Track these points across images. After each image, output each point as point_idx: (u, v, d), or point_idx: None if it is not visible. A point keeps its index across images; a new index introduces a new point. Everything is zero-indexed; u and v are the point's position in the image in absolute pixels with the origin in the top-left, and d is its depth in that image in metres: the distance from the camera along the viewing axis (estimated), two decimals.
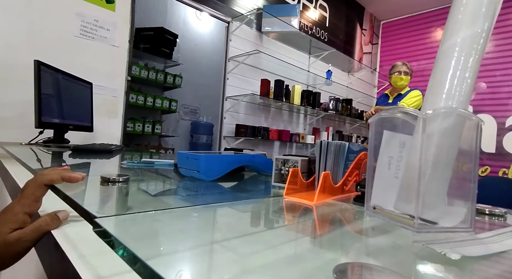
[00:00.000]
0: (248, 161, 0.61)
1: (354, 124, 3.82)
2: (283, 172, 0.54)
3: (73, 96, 1.31)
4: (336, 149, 0.46)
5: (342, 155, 0.45)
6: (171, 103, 3.13)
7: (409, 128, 0.33)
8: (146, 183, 0.57)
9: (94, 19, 1.60)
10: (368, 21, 4.04)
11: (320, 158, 0.47)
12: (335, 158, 0.46)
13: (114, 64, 1.72)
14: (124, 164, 0.76)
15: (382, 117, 0.34)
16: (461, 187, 0.31)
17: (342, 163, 0.45)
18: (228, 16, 2.39)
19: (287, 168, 0.54)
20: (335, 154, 0.46)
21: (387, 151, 0.33)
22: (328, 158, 0.46)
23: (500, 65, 3.22)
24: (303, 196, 0.42)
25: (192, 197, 0.49)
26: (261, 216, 0.37)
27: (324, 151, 0.47)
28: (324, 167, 0.47)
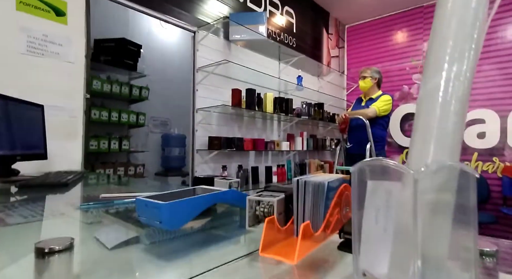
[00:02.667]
0: (219, 199, 0.55)
1: (327, 128, 3.88)
2: (258, 212, 0.49)
3: (20, 123, 1.16)
4: (315, 189, 0.41)
5: (321, 195, 0.40)
6: (139, 117, 2.97)
7: (392, 174, 0.28)
8: (96, 246, 0.48)
9: (43, 34, 1.45)
10: (334, 25, 4.15)
11: (298, 200, 0.42)
12: (314, 199, 0.41)
13: (70, 82, 1.58)
14: (78, 207, 0.66)
15: (362, 166, 0.29)
16: (461, 250, 0.27)
17: (322, 205, 0.40)
18: (193, 26, 2.31)
19: (262, 209, 0.48)
20: (314, 195, 0.41)
21: (373, 203, 0.29)
22: (306, 199, 0.41)
23: None
24: (282, 252, 0.36)
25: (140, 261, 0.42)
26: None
27: (302, 191, 0.41)
28: (303, 209, 0.41)
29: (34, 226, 0.64)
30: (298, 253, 0.33)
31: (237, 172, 2.51)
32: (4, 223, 0.66)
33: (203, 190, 0.59)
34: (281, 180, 2.89)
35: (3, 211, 0.75)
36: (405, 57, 3.83)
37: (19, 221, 0.67)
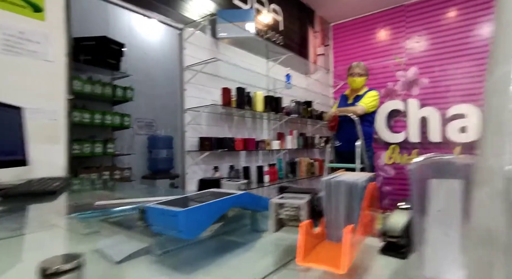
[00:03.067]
0: (236, 203, 0.51)
1: (316, 125, 3.90)
2: (282, 216, 0.45)
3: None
4: (348, 190, 0.38)
5: (355, 196, 0.37)
6: (124, 118, 2.85)
7: (455, 170, 0.26)
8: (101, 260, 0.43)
9: (19, 31, 1.34)
10: (319, 23, 4.17)
11: (329, 201, 0.39)
12: (348, 200, 0.38)
13: (50, 82, 1.47)
14: (74, 217, 0.60)
15: (425, 163, 0.26)
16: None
17: (357, 206, 0.37)
18: (179, 23, 2.24)
19: (286, 212, 0.44)
20: (348, 196, 0.38)
21: (438, 204, 0.26)
22: (339, 200, 0.38)
23: (438, 61, 3.54)
24: (322, 259, 0.33)
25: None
26: None
27: (334, 192, 0.38)
28: (337, 211, 0.38)
29: (23, 240, 0.58)
30: (345, 260, 0.30)
31: (228, 172, 2.46)
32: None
33: (216, 193, 0.54)
34: (273, 179, 2.87)
35: None
36: (389, 54, 3.91)
37: (4, 236, 0.60)
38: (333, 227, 0.38)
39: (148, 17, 2.06)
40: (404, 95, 3.78)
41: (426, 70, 3.63)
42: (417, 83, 3.69)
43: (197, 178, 2.32)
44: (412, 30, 3.73)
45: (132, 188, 1.64)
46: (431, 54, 3.60)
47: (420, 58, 3.67)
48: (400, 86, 3.82)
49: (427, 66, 3.62)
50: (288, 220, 0.45)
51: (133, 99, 2.94)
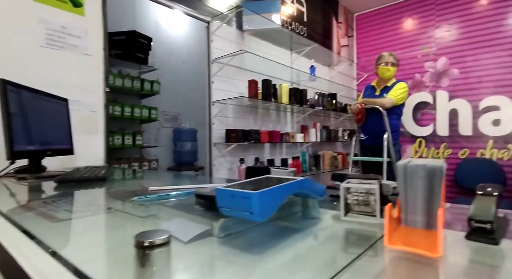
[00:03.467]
0: (299, 188, 0.52)
1: (339, 118, 3.84)
2: (350, 201, 0.45)
3: (48, 117, 1.13)
4: (430, 174, 0.37)
5: (438, 180, 0.37)
6: (151, 112, 2.92)
7: None
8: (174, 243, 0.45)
9: (61, 25, 1.40)
10: (343, 14, 4.07)
11: (407, 188, 0.39)
12: (429, 185, 0.37)
13: (89, 75, 1.53)
14: (136, 200, 0.63)
15: None
16: None
17: (438, 191, 0.37)
18: (207, 15, 2.25)
19: (355, 197, 0.45)
20: (428, 180, 0.37)
21: None
22: (417, 186, 0.38)
23: (469, 51, 3.37)
24: (411, 243, 0.33)
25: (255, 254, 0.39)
26: None
27: (414, 177, 0.38)
28: (415, 197, 0.38)
29: (89, 221, 0.62)
30: (440, 243, 0.30)
31: (254, 165, 2.48)
32: (57, 219, 0.63)
33: (275, 179, 0.56)
34: (297, 172, 2.86)
35: (46, 206, 0.72)
36: (416, 44, 3.76)
37: (71, 217, 0.65)
38: (411, 212, 0.38)
39: (173, 8, 2.07)
40: (432, 87, 3.63)
41: (456, 61, 3.47)
42: (447, 74, 3.53)
43: (224, 170, 2.36)
44: (442, 18, 3.56)
45: (168, 176, 1.69)
46: (462, 43, 3.43)
47: (451, 48, 3.50)
48: (428, 78, 3.67)
49: (458, 56, 3.45)
50: (355, 205, 0.45)
51: (160, 92, 3.01)
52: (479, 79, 3.32)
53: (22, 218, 0.62)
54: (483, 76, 3.29)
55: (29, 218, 0.64)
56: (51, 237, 0.48)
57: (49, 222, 0.61)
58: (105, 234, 0.54)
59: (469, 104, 3.37)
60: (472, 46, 3.36)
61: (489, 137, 3.23)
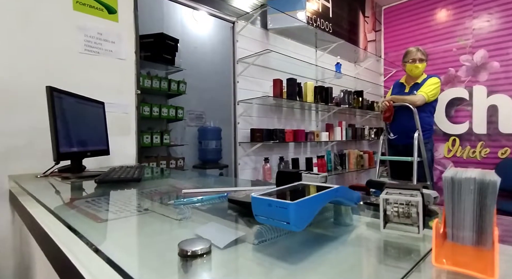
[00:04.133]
0: (334, 196, 0.52)
1: (365, 116, 3.72)
2: (389, 212, 0.44)
3: (87, 120, 1.20)
4: (479, 188, 0.35)
5: (491, 195, 0.35)
6: (178, 111, 3.01)
7: None
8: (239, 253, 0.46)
9: (98, 32, 1.48)
10: (370, 7, 3.92)
11: (455, 202, 0.37)
12: (480, 201, 0.35)
13: (123, 78, 1.61)
14: (172, 203, 0.66)
15: None
16: None
17: (492, 207, 0.35)
18: (232, 16, 2.27)
19: (395, 209, 0.44)
20: (479, 195, 0.36)
21: None
22: (466, 200, 0.36)
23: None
24: (461, 262, 0.32)
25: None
26: None
27: (463, 191, 0.36)
28: (464, 212, 0.36)
29: (130, 222, 0.65)
30: (497, 267, 0.29)
31: (278, 164, 2.48)
32: (100, 219, 0.68)
33: (309, 186, 0.55)
34: (322, 171, 2.82)
35: (90, 206, 0.77)
36: (451, 37, 3.54)
37: (112, 217, 0.68)
38: (459, 228, 0.37)
39: (199, 10, 2.10)
40: (468, 82, 3.41)
41: (497, 53, 3.22)
42: (485, 68, 3.30)
43: (248, 169, 2.38)
44: (481, 7, 3.32)
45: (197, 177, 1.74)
46: (503, 34, 3.17)
47: (490, 40, 3.26)
48: (464, 72, 3.45)
49: (499, 48, 3.21)
50: (395, 217, 0.44)
51: (186, 92, 3.09)
52: None
53: (70, 218, 0.66)
54: None
55: (77, 217, 0.68)
56: (98, 238, 0.52)
57: (94, 222, 0.65)
58: (146, 237, 0.56)
59: (511, 100, 3.12)
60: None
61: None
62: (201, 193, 0.77)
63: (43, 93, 1.04)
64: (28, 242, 0.99)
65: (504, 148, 3.16)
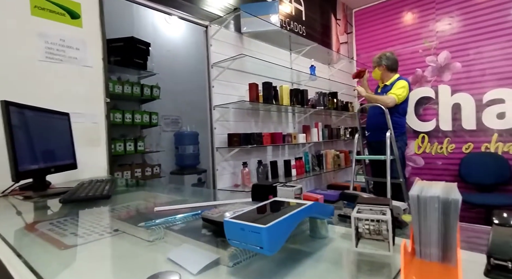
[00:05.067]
0: (308, 214, 0.51)
1: (340, 116, 3.82)
2: (361, 229, 0.45)
3: (50, 133, 1.12)
4: (445, 207, 0.36)
5: (454, 214, 0.36)
6: (152, 117, 2.92)
7: None
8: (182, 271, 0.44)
9: (60, 38, 1.39)
10: (341, 10, 4.02)
11: (421, 219, 0.38)
12: (444, 219, 0.36)
13: (90, 87, 1.52)
14: (143, 226, 0.62)
15: None
16: None
17: (455, 224, 0.36)
18: (205, 20, 2.23)
19: (366, 226, 0.44)
20: (443, 213, 0.36)
21: None
22: (432, 219, 0.37)
23: (473, 43, 3.33)
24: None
25: None
26: None
27: (429, 209, 0.37)
28: (430, 229, 0.37)
29: (96, 245, 0.61)
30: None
31: (257, 168, 2.48)
32: (64, 246, 0.63)
33: (282, 203, 0.55)
34: (300, 172, 2.86)
35: (53, 230, 0.72)
36: (417, 39, 3.72)
37: (79, 242, 0.64)
38: (426, 245, 0.37)
39: (171, 15, 2.05)
40: (434, 82, 3.60)
41: (459, 54, 3.43)
42: (448, 68, 3.50)
43: (227, 174, 2.36)
44: (443, 11, 3.51)
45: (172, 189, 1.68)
46: (464, 36, 3.38)
47: (452, 41, 3.46)
48: (430, 72, 3.64)
49: (460, 49, 3.41)
50: (366, 234, 0.44)
51: (160, 97, 3.00)
52: (482, 72, 3.28)
53: (29, 245, 0.61)
54: (487, 69, 3.25)
55: (38, 244, 0.63)
56: (58, 270, 0.48)
57: (57, 249, 0.61)
58: (115, 265, 0.53)
59: (472, 98, 3.33)
60: (474, 39, 3.32)
61: (494, 130, 3.20)
62: (174, 209, 0.75)
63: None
64: None
65: (467, 143, 3.37)
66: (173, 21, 3.32)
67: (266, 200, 0.73)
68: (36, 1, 1.31)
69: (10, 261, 0.53)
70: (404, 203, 0.53)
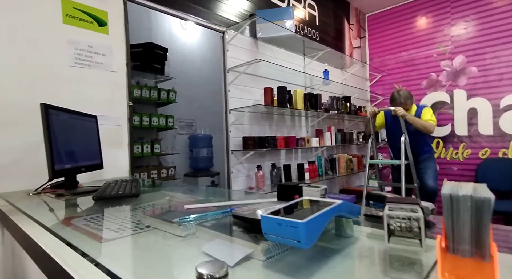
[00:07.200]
0: (338, 212, 0.54)
1: (353, 121, 3.81)
2: (392, 227, 0.47)
3: (81, 135, 1.19)
4: (478, 206, 0.38)
5: (487, 213, 0.38)
6: (168, 120, 2.99)
7: None
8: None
9: (88, 45, 1.47)
10: (354, 15, 4.04)
11: (453, 217, 0.40)
12: (477, 217, 0.38)
13: (114, 91, 1.59)
14: (177, 221, 0.66)
15: None
16: None
17: (488, 224, 0.38)
18: (221, 25, 2.29)
19: (398, 224, 0.46)
20: (476, 212, 0.38)
21: None
22: (465, 217, 0.39)
23: (489, 48, 3.29)
24: (464, 275, 0.34)
25: None
26: None
27: (462, 208, 0.39)
28: (463, 227, 0.39)
29: (132, 239, 0.65)
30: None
31: (270, 171, 2.51)
32: (103, 239, 0.67)
33: (313, 202, 0.57)
34: (313, 176, 2.87)
35: (90, 225, 0.76)
36: (431, 43, 3.69)
37: (115, 236, 0.68)
38: (459, 242, 0.39)
39: (187, 20, 2.11)
40: (449, 86, 3.56)
41: (475, 58, 3.39)
42: (464, 73, 3.46)
43: (242, 177, 2.39)
44: (458, 15, 3.49)
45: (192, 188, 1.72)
46: (480, 40, 3.34)
47: (468, 46, 3.42)
48: (445, 77, 3.60)
49: (476, 54, 3.37)
50: (398, 231, 0.46)
51: (176, 101, 3.08)
52: (500, 76, 3.23)
53: (72, 238, 0.65)
54: (504, 73, 3.20)
55: (78, 237, 0.67)
56: (105, 259, 0.52)
57: (97, 242, 0.65)
58: (154, 257, 0.56)
59: (489, 103, 3.28)
60: (491, 43, 3.28)
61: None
62: (203, 208, 0.78)
63: (32, 110, 1.02)
64: (23, 261, 0.97)
65: (484, 149, 3.30)
66: (189, 27, 3.41)
67: (292, 200, 0.75)
68: (68, 10, 1.39)
69: (62, 250, 0.57)
70: (432, 203, 0.55)
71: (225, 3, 2.34)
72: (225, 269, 0.39)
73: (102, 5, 1.52)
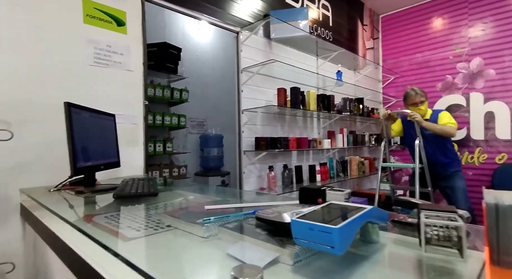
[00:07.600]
0: (368, 218, 0.52)
1: (366, 123, 3.76)
2: (429, 235, 0.45)
3: (100, 133, 1.20)
4: None
5: None
6: (180, 119, 3.01)
7: None
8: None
9: (107, 44, 1.49)
10: (368, 16, 3.99)
11: (499, 228, 0.38)
12: None
13: (131, 90, 1.61)
14: (200, 222, 0.66)
15: None
16: None
17: None
18: (236, 26, 2.29)
19: (435, 232, 0.45)
20: None
21: None
22: (510, 228, 0.37)
23: (508, 50, 3.20)
24: None
25: None
26: None
27: (503, 218, 0.38)
28: (509, 240, 0.38)
29: (154, 239, 0.65)
30: None
31: (282, 172, 2.49)
32: (126, 238, 0.67)
33: (341, 207, 0.56)
34: (324, 178, 2.84)
35: (111, 222, 0.77)
36: (447, 45, 3.62)
37: (138, 235, 0.68)
38: (505, 252, 0.38)
39: (201, 19, 2.11)
40: (465, 89, 3.48)
41: (492, 61, 3.30)
42: (481, 75, 3.37)
43: (253, 177, 2.39)
44: (476, 17, 3.40)
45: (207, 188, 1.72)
46: (499, 42, 3.26)
47: (486, 48, 3.34)
48: (461, 79, 3.52)
49: (494, 56, 3.29)
50: (435, 239, 0.45)
51: (188, 100, 3.09)
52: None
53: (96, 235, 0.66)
54: None
55: (101, 235, 0.68)
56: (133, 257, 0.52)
57: (122, 240, 0.65)
58: (179, 256, 0.56)
59: (507, 107, 3.19)
60: (510, 45, 3.19)
61: None
62: (224, 209, 0.78)
63: (52, 108, 1.04)
64: (45, 256, 0.98)
65: (501, 154, 3.21)
66: (202, 27, 3.42)
67: (314, 203, 0.74)
68: (88, 11, 1.41)
69: (87, 246, 0.58)
70: (466, 211, 0.53)
71: (239, 3, 2.34)
72: (261, 275, 0.39)
73: (121, 5, 1.54)
